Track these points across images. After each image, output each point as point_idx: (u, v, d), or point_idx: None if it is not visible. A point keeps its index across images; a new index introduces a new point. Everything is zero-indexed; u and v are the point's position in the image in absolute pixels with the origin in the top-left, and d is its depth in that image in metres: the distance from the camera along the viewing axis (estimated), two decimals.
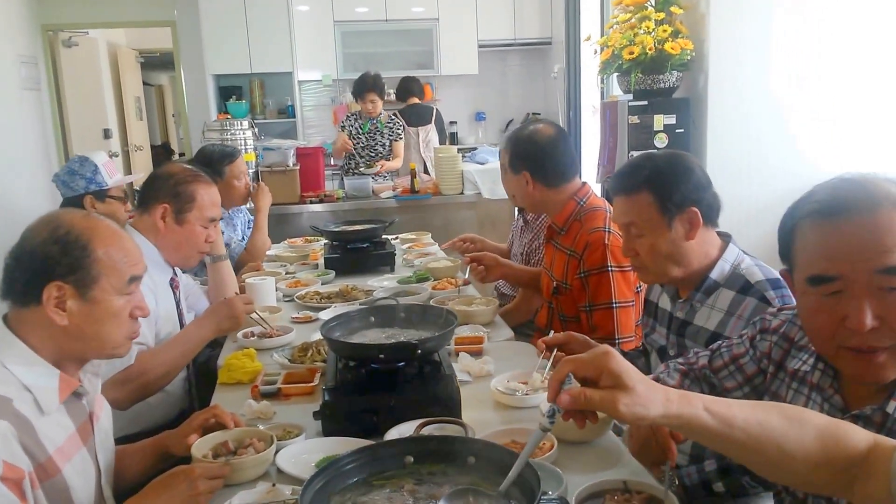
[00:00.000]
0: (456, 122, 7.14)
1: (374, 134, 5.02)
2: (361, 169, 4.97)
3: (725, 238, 1.64)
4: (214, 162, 3.22)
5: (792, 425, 0.88)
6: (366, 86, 4.90)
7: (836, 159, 3.78)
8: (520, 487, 0.97)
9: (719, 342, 1.40)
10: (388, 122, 5.05)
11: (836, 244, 1.00)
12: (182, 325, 2.09)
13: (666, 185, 1.56)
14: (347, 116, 5.17)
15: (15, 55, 4.08)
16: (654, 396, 0.87)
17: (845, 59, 3.69)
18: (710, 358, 1.38)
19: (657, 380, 1.39)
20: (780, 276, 1.50)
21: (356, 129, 5.03)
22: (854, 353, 1.01)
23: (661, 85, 3.89)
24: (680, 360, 1.44)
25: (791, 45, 3.72)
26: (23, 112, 4.15)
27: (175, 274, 2.10)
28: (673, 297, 1.68)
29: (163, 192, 2.02)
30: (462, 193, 4.54)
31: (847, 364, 1.04)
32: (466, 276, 2.49)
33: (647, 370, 1.83)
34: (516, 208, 3.00)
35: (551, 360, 1.68)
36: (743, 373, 1.32)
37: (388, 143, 5.06)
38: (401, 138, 5.12)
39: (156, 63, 8.05)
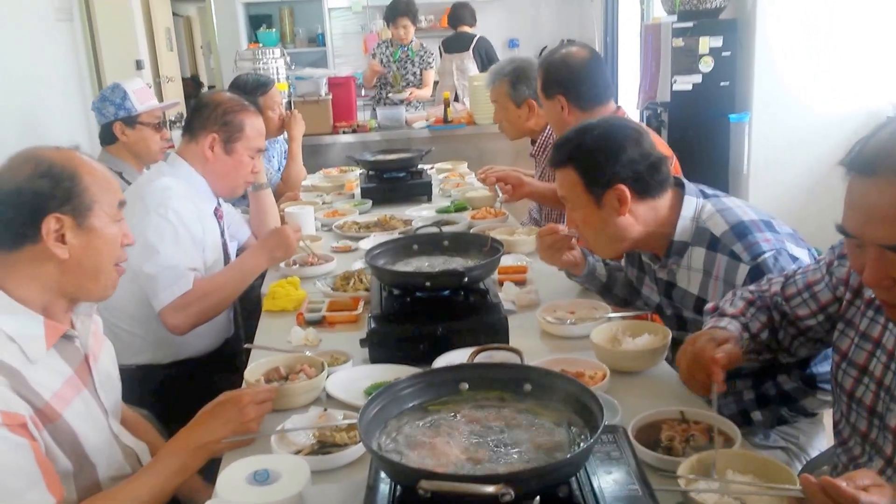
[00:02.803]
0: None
1: (405, 62, 4.92)
2: (391, 96, 4.88)
3: (680, 188, 1.55)
4: (248, 92, 3.18)
5: None
6: (398, 11, 4.76)
7: (892, 88, 3.59)
8: (583, 417, 0.96)
9: (794, 269, 1.35)
10: (420, 51, 4.94)
11: (856, 201, 0.97)
12: (226, 253, 2.10)
13: (591, 162, 1.48)
14: (378, 44, 5.05)
15: None
16: None
17: None
18: (784, 285, 1.33)
19: (715, 309, 1.36)
20: (744, 220, 1.45)
21: (387, 56, 4.93)
22: (882, 302, 1.00)
23: (707, 5, 3.72)
24: (751, 286, 1.39)
25: None
26: (56, 43, 4.11)
27: (219, 204, 2.10)
28: (652, 259, 1.62)
29: (211, 121, 1.99)
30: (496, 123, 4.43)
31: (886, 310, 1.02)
32: (500, 196, 2.48)
33: (630, 288, 1.81)
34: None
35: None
36: (817, 300, 1.27)
37: (418, 72, 4.96)
38: (431, 67, 5.00)
39: None
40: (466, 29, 5.46)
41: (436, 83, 5.42)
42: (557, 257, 1.78)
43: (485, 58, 5.46)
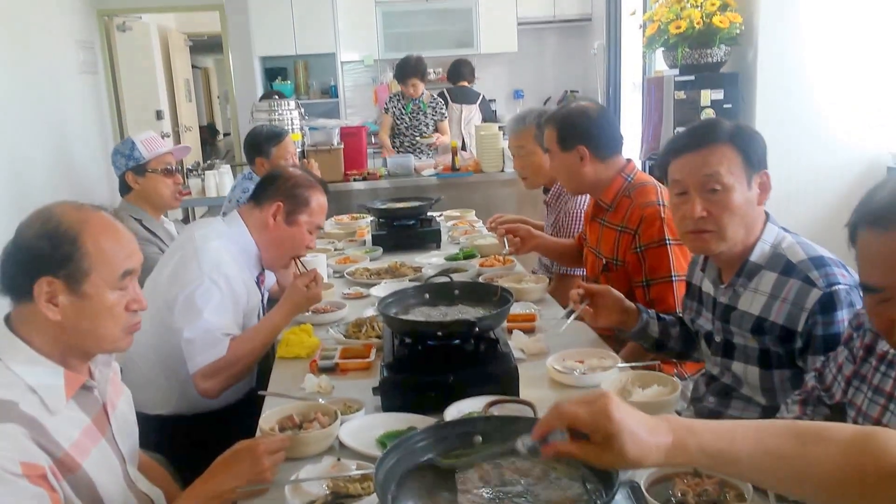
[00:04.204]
0: (494, 101, 7.10)
1: (417, 114, 5.08)
2: (417, 139, 5.04)
3: (766, 216, 1.59)
4: (262, 143, 3.28)
5: (807, 447, 0.84)
6: (408, 71, 4.95)
7: (892, 139, 3.66)
8: (597, 472, 0.97)
9: (824, 358, 1.38)
10: (431, 102, 5.10)
11: (876, 255, 0.98)
12: (261, 314, 2.13)
13: (748, 140, 1.51)
14: (390, 98, 5.21)
15: (73, 40, 4.18)
16: (644, 453, 0.84)
17: None
18: (819, 378, 1.36)
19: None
20: (823, 255, 1.48)
21: (399, 109, 5.09)
22: None
23: (708, 59, 3.81)
24: (797, 391, 1.42)
25: (845, 18, 3.59)
26: (81, 95, 4.26)
27: (262, 271, 2.12)
28: (715, 282, 1.64)
29: (281, 191, 2.03)
30: (503, 171, 4.52)
31: None
32: (507, 248, 2.52)
33: (685, 342, 1.83)
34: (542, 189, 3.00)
35: (578, 311, 1.74)
36: (845, 378, 1.29)
37: (431, 123, 5.10)
38: (445, 117, 5.16)
39: (202, 46, 8.18)
40: (465, 84, 5.65)
41: None
42: (613, 317, 1.79)
43: (486, 114, 5.65)
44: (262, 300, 2.13)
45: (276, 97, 4.38)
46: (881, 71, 3.62)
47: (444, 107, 5.20)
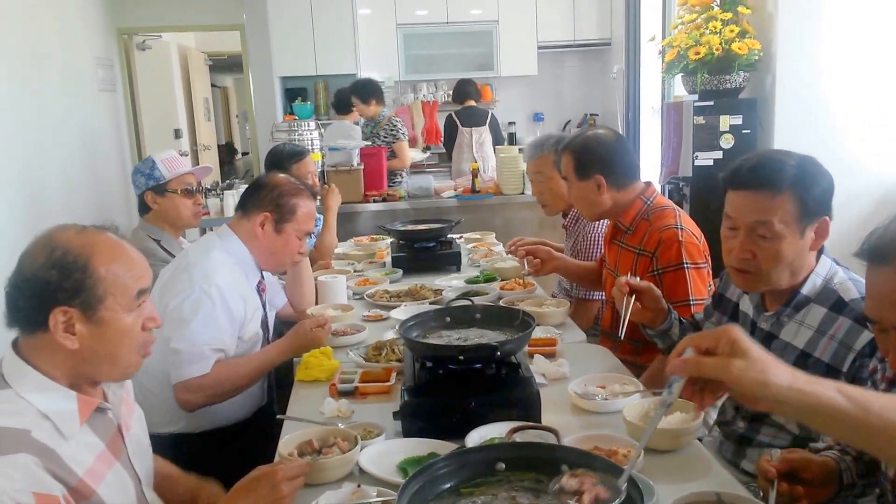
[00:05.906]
0: (514, 123, 7.13)
1: (372, 137, 5.09)
2: None
3: (820, 248, 1.56)
4: (283, 160, 3.30)
5: None
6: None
7: None
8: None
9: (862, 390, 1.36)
10: (386, 125, 5.10)
11: (873, 289, 1.02)
12: (266, 329, 2.14)
13: (810, 187, 1.45)
14: (365, 123, 5.24)
15: (92, 57, 4.26)
16: (775, 366, 0.86)
17: None
18: None
19: None
20: None
21: (365, 134, 5.13)
22: None
23: (727, 85, 3.82)
24: None
25: (862, 44, 3.59)
26: (100, 112, 4.32)
27: (262, 278, 2.14)
28: (758, 307, 1.61)
29: (266, 201, 2.06)
30: (523, 193, 4.52)
31: None
32: (527, 269, 2.51)
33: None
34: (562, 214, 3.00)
35: (629, 306, 1.72)
36: None
37: (384, 146, 5.09)
38: (397, 140, 5.12)
39: (221, 65, 8.29)
40: (472, 103, 5.67)
41: (449, 154, 5.59)
42: (647, 315, 1.79)
43: (495, 134, 5.67)
44: (264, 306, 2.14)
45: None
46: None
47: (398, 128, 5.16)
